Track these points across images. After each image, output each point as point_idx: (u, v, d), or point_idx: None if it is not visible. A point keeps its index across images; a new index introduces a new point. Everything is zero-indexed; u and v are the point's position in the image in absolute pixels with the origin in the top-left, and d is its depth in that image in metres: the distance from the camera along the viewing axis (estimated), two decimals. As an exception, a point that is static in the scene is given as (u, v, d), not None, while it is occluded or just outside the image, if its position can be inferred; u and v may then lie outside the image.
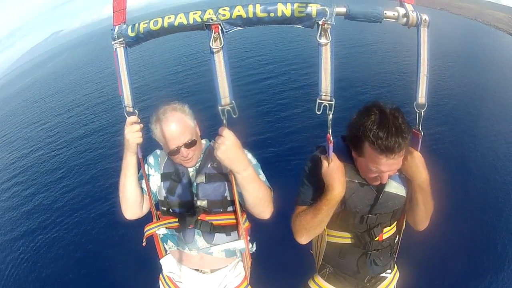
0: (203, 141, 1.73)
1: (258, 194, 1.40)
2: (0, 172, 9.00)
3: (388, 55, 11.81)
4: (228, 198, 1.63)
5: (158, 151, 1.77)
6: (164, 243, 1.82)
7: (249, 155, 1.59)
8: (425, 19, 1.25)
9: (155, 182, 1.70)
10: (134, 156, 1.48)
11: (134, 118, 1.39)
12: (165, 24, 1.21)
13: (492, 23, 19.39)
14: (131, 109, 1.39)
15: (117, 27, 1.30)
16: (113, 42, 1.32)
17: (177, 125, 1.51)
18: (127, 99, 1.37)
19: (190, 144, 1.54)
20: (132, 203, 1.58)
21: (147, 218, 1.72)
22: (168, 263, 1.83)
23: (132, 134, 1.39)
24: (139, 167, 1.57)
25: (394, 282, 1.84)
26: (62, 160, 8.32)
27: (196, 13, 1.17)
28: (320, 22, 1.13)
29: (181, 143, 1.51)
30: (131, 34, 1.27)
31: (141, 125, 1.41)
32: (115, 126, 8.77)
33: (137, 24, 1.27)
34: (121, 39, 1.30)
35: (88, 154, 8.14)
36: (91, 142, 8.69)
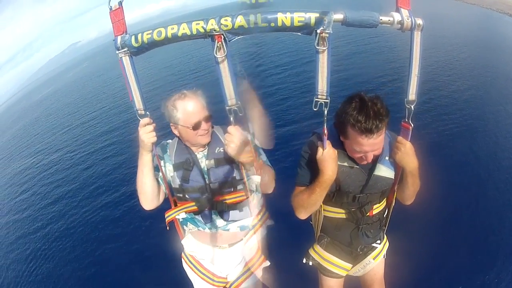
0: None
1: (264, 178, 1.67)
2: (27, 170, 9.58)
3: (383, 56, 12.02)
4: (237, 178, 1.83)
5: (164, 142, 1.95)
6: (184, 226, 2.01)
7: (249, 136, 1.80)
8: (419, 23, 1.35)
9: (168, 172, 1.86)
10: (150, 154, 1.65)
11: (146, 120, 1.54)
12: (169, 35, 1.30)
13: (506, 11, 19.90)
14: (142, 112, 1.53)
15: (119, 38, 1.38)
16: (117, 52, 1.40)
17: (197, 102, 1.75)
18: (138, 103, 1.51)
19: (208, 118, 1.76)
20: (150, 196, 1.76)
21: (166, 206, 1.92)
22: (189, 243, 2.05)
23: (147, 134, 1.55)
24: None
25: (384, 251, 2.14)
26: (87, 157, 8.93)
27: (199, 23, 1.26)
28: (318, 31, 1.22)
29: (202, 116, 1.74)
30: (135, 44, 1.36)
31: (154, 125, 1.56)
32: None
33: (140, 35, 1.35)
34: (125, 49, 1.39)
35: (112, 150, 8.71)
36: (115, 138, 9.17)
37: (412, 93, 1.45)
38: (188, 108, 1.72)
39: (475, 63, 9.79)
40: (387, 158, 1.74)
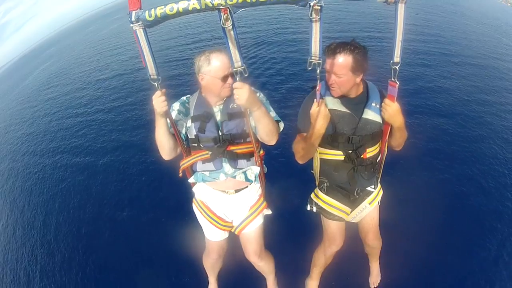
0: None
1: (268, 126, 1.89)
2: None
3: (371, 26, 12.55)
4: (246, 131, 2.05)
5: (184, 98, 2.17)
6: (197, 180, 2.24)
7: (261, 95, 2.05)
8: None
9: (185, 124, 2.09)
10: (164, 119, 1.87)
11: (159, 93, 1.75)
12: (180, 9, 1.49)
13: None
14: (155, 77, 1.73)
15: (134, 13, 1.55)
16: (131, 25, 1.58)
17: (228, 59, 1.85)
18: (151, 69, 1.70)
19: (233, 75, 1.89)
20: (167, 151, 2.03)
21: (180, 157, 2.17)
22: (199, 189, 2.32)
23: (159, 104, 1.76)
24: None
25: (379, 198, 2.41)
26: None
27: (207, -2, 1.46)
28: (312, 3, 1.44)
29: (230, 72, 1.92)
30: (149, 18, 1.54)
31: (165, 91, 1.77)
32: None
33: (153, 10, 1.52)
34: (139, 23, 1.56)
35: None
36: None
37: (397, 56, 1.70)
38: (221, 62, 1.92)
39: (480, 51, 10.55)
40: (373, 104, 2.02)
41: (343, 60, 1.81)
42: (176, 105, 2.12)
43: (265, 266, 2.54)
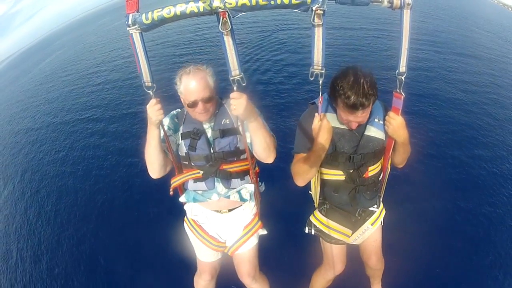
0: None
1: (265, 139, 1.81)
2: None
3: (376, 32, 12.36)
4: (240, 148, 1.98)
5: (174, 112, 2.09)
6: (189, 200, 2.17)
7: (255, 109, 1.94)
8: (408, 3, 1.50)
9: (175, 141, 2.01)
10: (157, 130, 1.79)
11: (154, 100, 1.69)
12: (178, 13, 1.47)
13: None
14: (149, 84, 1.67)
15: (131, 15, 1.53)
16: (128, 28, 1.55)
17: (199, 82, 1.81)
18: (146, 75, 1.65)
19: (208, 100, 1.84)
20: (157, 167, 1.92)
21: (172, 173, 2.08)
22: (191, 208, 2.24)
23: (155, 112, 1.69)
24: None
25: (381, 218, 2.32)
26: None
27: (205, 1, 1.42)
28: (314, 8, 1.39)
29: (201, 97, 1.82)
30: (146, 22, 1.52)
31: (159, 103, 1.70)
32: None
33: (150, 13, 1.51)
34: (136, 26, 1.54)
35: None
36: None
37: (402, 66, 1.61)
38: (188, 86, 1.81)
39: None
40: (376, 120, 1.93)
41: (367, 110, 1.74)
42: (165, 120, 2.02)
43: None
